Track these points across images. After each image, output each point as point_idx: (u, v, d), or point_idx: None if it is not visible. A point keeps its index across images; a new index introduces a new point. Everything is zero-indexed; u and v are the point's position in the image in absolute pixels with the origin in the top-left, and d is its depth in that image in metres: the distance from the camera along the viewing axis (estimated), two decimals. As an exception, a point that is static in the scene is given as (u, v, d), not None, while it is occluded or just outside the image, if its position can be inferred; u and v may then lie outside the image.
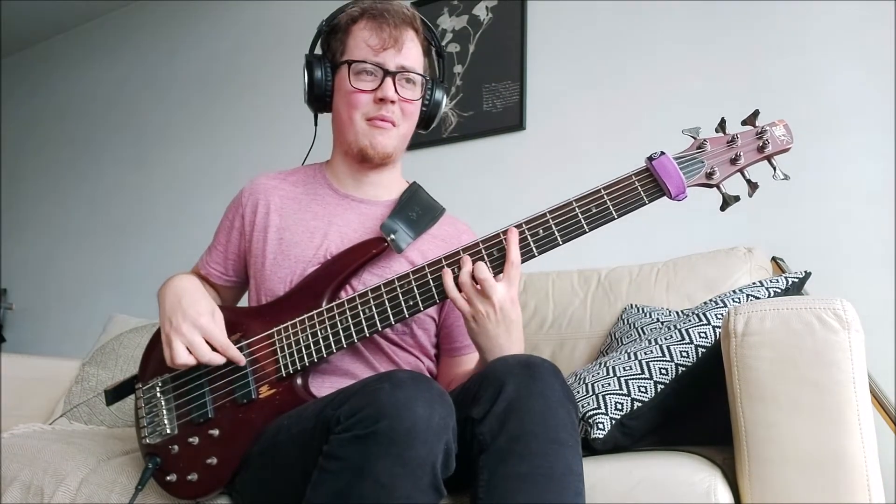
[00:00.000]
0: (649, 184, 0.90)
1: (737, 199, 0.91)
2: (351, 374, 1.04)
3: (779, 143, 0.91)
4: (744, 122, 0.93)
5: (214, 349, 0.96)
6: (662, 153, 0.90)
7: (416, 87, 1.09)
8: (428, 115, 1.15)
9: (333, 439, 0.76)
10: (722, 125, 0.93)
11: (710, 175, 0.90)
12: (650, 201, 0.90)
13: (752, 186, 0.92)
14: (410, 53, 1.08)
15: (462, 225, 1.20)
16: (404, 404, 0.73)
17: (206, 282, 1.19)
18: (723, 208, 0.92)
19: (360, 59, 1.05)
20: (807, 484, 0.77)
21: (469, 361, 1.14)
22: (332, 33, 1.12)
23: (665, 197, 0.90)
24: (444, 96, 1.16)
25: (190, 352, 0.95)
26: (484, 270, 0.90)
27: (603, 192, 0.91)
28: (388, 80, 1.04)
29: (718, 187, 0.92)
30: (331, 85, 1.10)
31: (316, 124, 1.18)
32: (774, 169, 0.92)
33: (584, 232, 0.91)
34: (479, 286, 0.90)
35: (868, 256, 1.53)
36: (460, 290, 0.92)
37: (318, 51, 1.15)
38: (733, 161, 0.91)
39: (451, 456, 0.76)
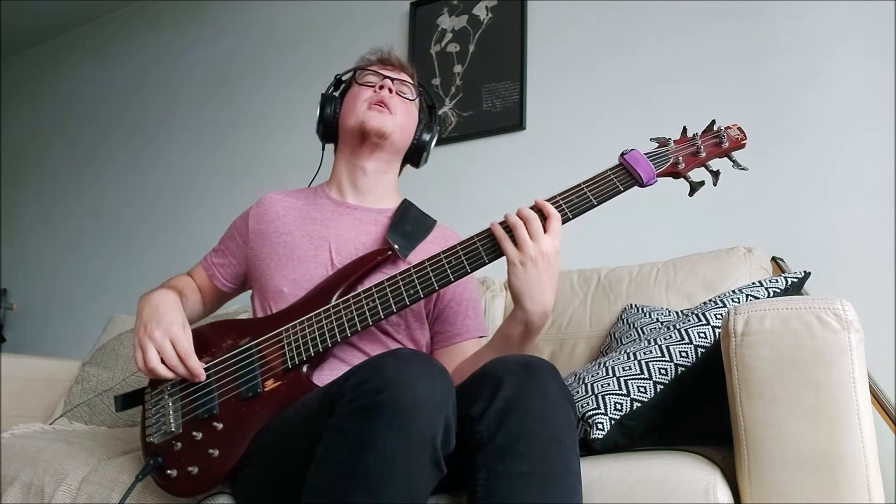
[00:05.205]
0: (622, 174, 1.02)
1: (702, 184, 1.04)
2: (349, 364, 1.07)
3: (734, 140, 1.06)
4: (703, 132, 1.06)
5: (179, 357, 1.03)
6: (633, 149, 1.04)
7: (413, 96, 1.26)
8: (414, 150, 1.28)
9: (337, 413, 0.78)
10: (683, 132, 1.07)
11: (675, 165, 1.03)
12: (625, 189, 1.01)
13: (715, 175, 1.06)
14: (408, 81, 1.27)
15: (450, 231, 1.27)
16: (408, 378, 0.76)
17: (196, 285, 1.28)
18: (691, 194, 1.05)
19: (366, 66, 1.26)
20: (807, 484, 0.77)
21: (465, 349, 1.16)
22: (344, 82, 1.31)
23: (637, 186, 1.00)
24: (433, 138, 1.29)
25: (162, 360, 1.02)
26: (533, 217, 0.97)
27: (584, 185, 1.02)
28: (387, 79, 1.23)
29: (686, 177, 1.04)
30: (339, 111, 1.25)
31: (323, 150, 1.31)
32: (733, 162, 1.05)
33: (568, 219, 1.00)
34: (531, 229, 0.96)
35: (868, 256, 1.53)
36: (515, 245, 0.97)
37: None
38: (695, 154, 1.04)
39: (450, 432, 0.78)
